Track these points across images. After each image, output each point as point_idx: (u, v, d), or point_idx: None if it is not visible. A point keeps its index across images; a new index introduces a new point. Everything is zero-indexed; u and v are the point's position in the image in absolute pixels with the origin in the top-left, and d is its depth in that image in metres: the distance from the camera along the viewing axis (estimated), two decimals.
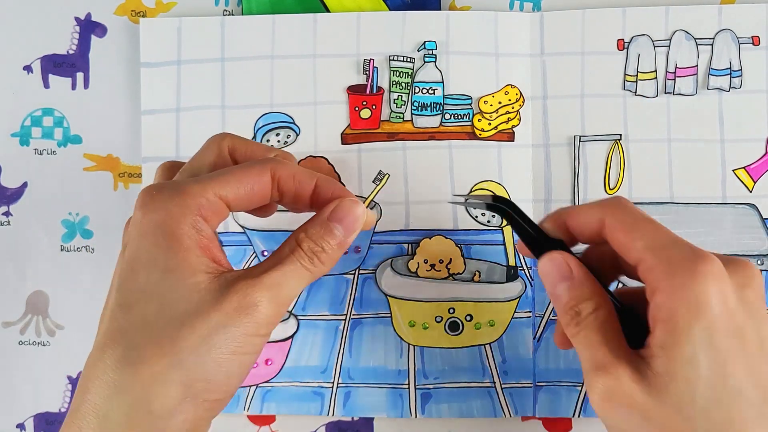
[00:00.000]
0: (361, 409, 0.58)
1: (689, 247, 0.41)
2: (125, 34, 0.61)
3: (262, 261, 0.44)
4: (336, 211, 0.46)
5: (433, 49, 0.58)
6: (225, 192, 0.43)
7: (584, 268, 0.45)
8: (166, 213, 0.41)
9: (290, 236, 0.45)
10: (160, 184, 0.43)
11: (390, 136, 0.59)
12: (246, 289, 0.41)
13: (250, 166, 0.45)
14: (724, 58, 0.58)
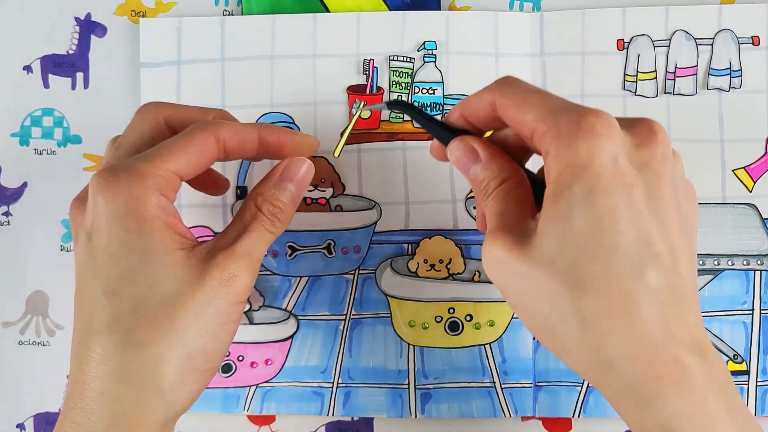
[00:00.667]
0: (361, 409, 0.58)
1: (577, 108, 0.40)
2: (125, 34, 0.61)
3: (228, 227, 0.46)
4: (287, 171, 0.48)
5: (433, 49, 0.58)
6: (176, 165, 0.44)
7: (491, 147, 0.45)
8: (129, 197, 0.42)
9: (247, 199, 0.47)
10: (113, 166, 0.43)
11: (390, 136, 0.59)
12: (224, 262, 0.43)
13: (193, 134, 0.46)
14: (723, 58, 0.58)
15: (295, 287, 0.58)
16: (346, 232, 0.58)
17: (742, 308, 0.57)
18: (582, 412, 0.57)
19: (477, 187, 0.45)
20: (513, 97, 0.43)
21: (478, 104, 0.45)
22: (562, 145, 0.39)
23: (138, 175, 0.43)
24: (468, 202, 0.58)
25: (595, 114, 0.39)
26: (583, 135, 0.39)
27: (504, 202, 0.43)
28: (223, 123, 0.47)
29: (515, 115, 0.42)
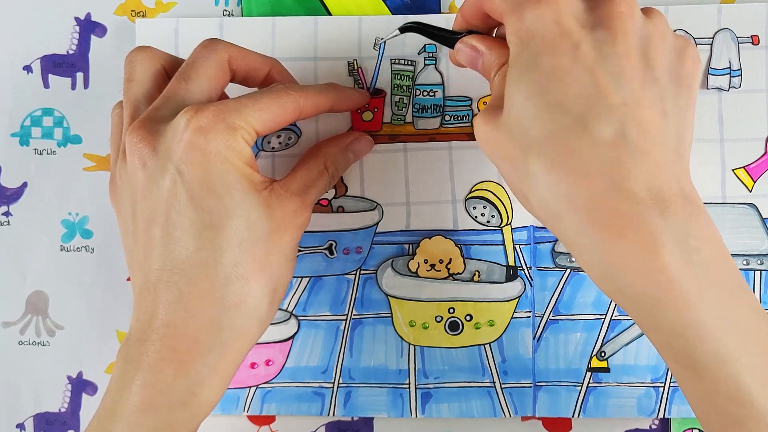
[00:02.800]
0: (361, 409, 0.58)
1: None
2: (125, 34, 0.60)
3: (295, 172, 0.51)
4: (356, 144, 0.56)
5: (434, 52, 0.58)
6: (260, 126, 0.47)
7: (489, 38, 0.48)
8: (227, 147, 0.45)
9: (317, 155, 0.53)
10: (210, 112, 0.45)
11: (391, 138, 0.59)
12: (299, 209, 0.48)
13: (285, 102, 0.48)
14: (723, 57, 0.58)
15: (296, 288, 0.58)
16: (348, 233, 0.58)
17: None
18: (582, 412, 0.57)
19: (487, 76, 0.48)
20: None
21: (470, 3, 0.48)
22: (513, 18, 0.42)
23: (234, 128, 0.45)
24: (468, 203, 0.58)
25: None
26: (530, 5, 0.41)
27: (501, 84, 0.45)
28: (306, 91, 0.50)
29: (489, 5, 0.45)
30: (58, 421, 0.60)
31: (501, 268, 0.58)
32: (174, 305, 0.45)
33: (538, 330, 0.58)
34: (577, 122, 0.39)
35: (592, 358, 0.58)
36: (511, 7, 0.43)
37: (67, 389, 0.60)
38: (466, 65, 0.50)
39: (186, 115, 0.45)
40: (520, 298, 0.58)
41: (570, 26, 0.41)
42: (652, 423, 0.58)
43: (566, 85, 0.40)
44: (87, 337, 0.60)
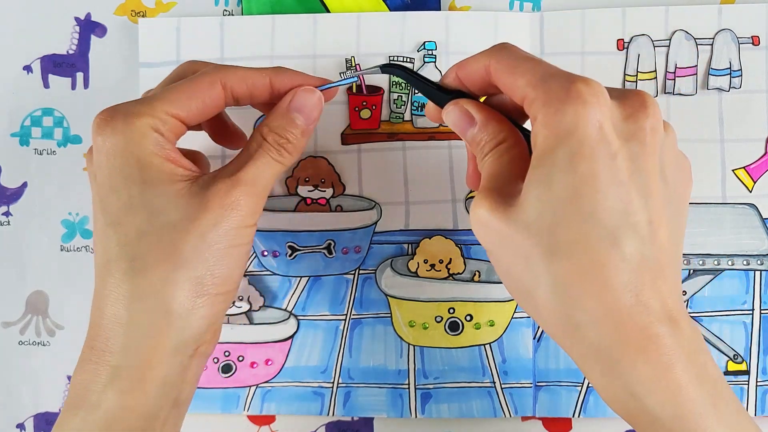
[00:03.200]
0: (361, 409, 0.58)
1: (567, 75, 0.41)
2: (125, 34, 0.61)
3: (234, 158, 0.47)
4: (294, 101, 0.48)
5: (433, 50, 0.58)
6: (176, 109, 0.45)
7: (486, 109, 0.46)
8: (124, 136, 0.44)
9: (254, 131, 0.48)
10: (111, 108, 0.45)
11: (390, 137, 0.59)
12: (226, 189, 0.44)
13: (197, 80, 0.47)
14: (723, 58, 0.58)
15: (295, 287, 0.58)
16: (347, 232, 0.58)
17: (742, 308, 0.57)
18: (582, 412, 0.57)
19: (474, 148, 0.46)
20: (506, 63, 0.43)
21: (473, 67, 0.46)
22: (549, 111, 0.40)
23: (133, 115, 0.44)
24: (468, 202, 0.58)
25: (585, 81, 0.40)
26: (571, 101, 0.39)
27: (498, 164, 0.44)
28: (230, 68, 0.48)
29: (508, 80, 0.43)
30: None
31: None
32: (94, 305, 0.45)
33: (538, 330, 0.58)
34: (608, 235, 0.39)
35: None
36: (548, 98, 0.40)
37: (67, 389, 0.59)
38: (451, 128, 0.47)
39: (95, 119, 0.45)
40: None
41: (610, 134, 0.39)
42: None
43: (601, 195, 0.39)
44: None
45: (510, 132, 0.45)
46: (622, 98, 0.42)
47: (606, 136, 0.39)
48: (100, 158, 0.44)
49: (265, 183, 0.46)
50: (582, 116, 0.39)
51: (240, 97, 0.48)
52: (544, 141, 0.40)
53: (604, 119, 0.39)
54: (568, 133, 0.39)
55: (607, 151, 0.39)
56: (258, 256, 0.59)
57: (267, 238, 0.58)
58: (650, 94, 0.42)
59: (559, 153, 0.39)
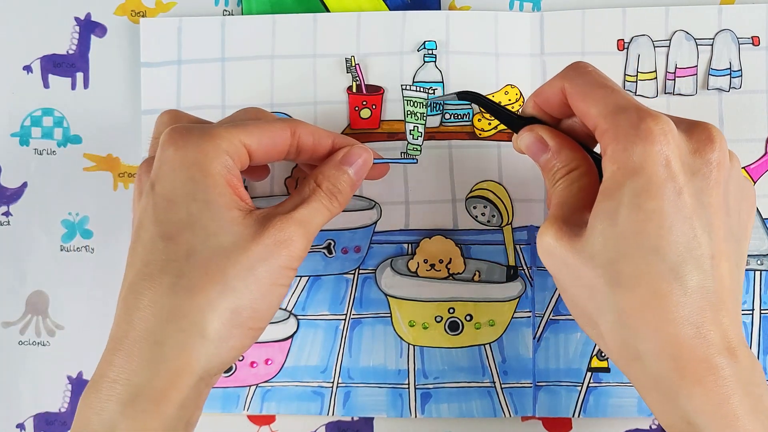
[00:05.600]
0: (360, 409, 0.58)
1: (638, 109, 0.42)
2: (125, 34, 0.61)
3: (286, 200, 0.48)
4: (347, 155, 0.50)
5: (433, 49, 0.58)
6: (249, 140, 0.46)
7: (560, 136, 0.47)
8: (199, 151, 0.44)
9: (308, 178, 0.49)
10: (188, 125, 0.46)
11: (390, 136, 0.59)
12: (281, 224, 0.45)
13: (272, 122, 0.48)
14: (724, 58, 0.58)
15: (295, 287, 0.58)
16: (346, 232, 0.58)
17: (742, 308, 0.57)
18: (582, 412, 0.57)
19: (547, 174, 0.47)
20: (580, 88, 0.45)
21: (549, 92, 0.47)
22: (618, 146, 0.41)
23: (211, 135, 0.45)
24: (468, 202, 0.58)
25: (654, 119, 0.41)
26: (640, 140, 0.40)
27: (568, 191, 0.45)
28: (302, 122, 0.49)
29: (580, 106, 0.44)
30: (58, 421, 0.60)
31: (501, 268, 0.58)
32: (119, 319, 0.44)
33: (538, 330, 0.58)
34: (671, 269, 0.40)
35: (593, 358, 0.58)
36: (617, 133, 0.41)
37: (67, 389, 0.60)
38: (525, 153, 0.49)
39: (166, 131, 0.45)
40: (521, 298, 0.58)
41: (676, 170, 0.40)
42: (652, 423, 0.58)
43: (665, 231, 0.40)
44: (87, 337, 0.60)
45: (582, 160, 0.46)
46: (689, 131, 0.42)
47: (673, 173, 0.40)
48: (164, 169, 0.44)
49: (316, 227, 0.47)
50: (650, 154, 0.40)
51: (303, 149, 0.50)
52: (612, 176, 0.41)
53: (672, 156, 0.40)
54: (636, 171, 0.40)
55: (674, 188, 0.40)
56: None
57: None
58: (716, 127, 0.43)
59: (626, 189, 0.41)
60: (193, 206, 0.43)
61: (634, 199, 0.40)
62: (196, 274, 0.43)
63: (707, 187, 0.41)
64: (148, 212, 0.45)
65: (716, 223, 0.41)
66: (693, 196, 0.41)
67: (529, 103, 0.49)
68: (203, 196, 0.44)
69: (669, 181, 0.40)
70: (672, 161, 0.40)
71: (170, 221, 0.44)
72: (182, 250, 0.43)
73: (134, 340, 0.42)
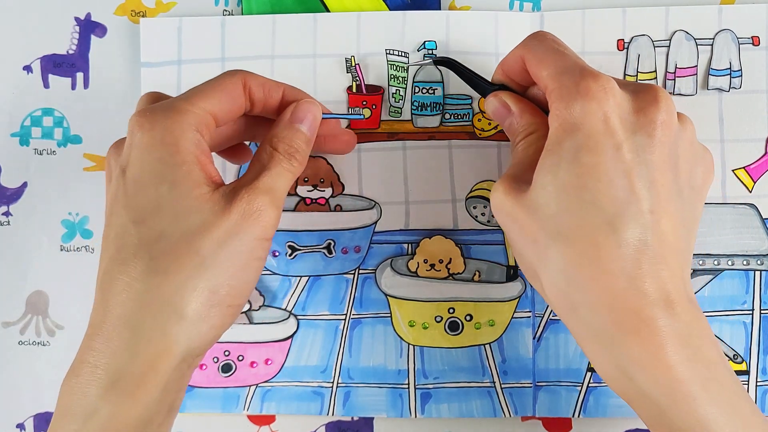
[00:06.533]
0: (360, 409, 0.58)
1: (580, 70, 0.43)
2: (125, 34, 0.61)
3: (247, 169, 0.47)
4: (296, 111, 0.49)
5: (433, 49, 0.58)
6: (209, 105, 0.46)
7: (522, 101, 0.49)
8: (164, 130, 0.44)
9: (262, 143, 0.48)
10: (152, 106, 0.46)
11: (390, 136, 0.59)
12: (248, 196, 0.44)
13: (223, 78, 0.48)
14: (724, 58, 0.58)
15: (295, 287, 0.58)
16: (346, 232, 0.58)
17: (742, 308, 0.57)
18: (582, 412, 0.57)
19: (511, 136, 0.50)
20: (535, 53, 0.47)
21: (512, 59, 0.49)
22: (561, 105, 0.43)
23: (175, 110, 0.45)
24: (468, 202, 0.58)
25: (594, 77, 0.42)
26: (580, 96, 0.42)
27: (524, 153, 0.47)
28: (252, 73, 0.49)
29: (534, 71, 0.46)
30: None
31: (501, 268, 0.58)
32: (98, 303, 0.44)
33: (538, 330, 0.58)
34: (608, 222, 0.41)
35: None
36: (559, 92, 0.43)
37: None
38: (492, 118, 0.51)
39: (132, 116, 0.45)
40: (521, 298, 0.58)
41: (615, 127, 0.42)
42: None
43: (603, 184, 0.41)
44: None
45: (541, 124, 0.47)
46: (635, 92, 0.44)
47: (611, 129, 0.42)
48: (133, 154, 0.44)
49: (282, 192, 0.47)
50: (588, 111, 0.42)
51: (256, 102, 0.49)
52: (554, 133, 0.43)
53: (611, 113, 0.42)
54: (576, 127, 0.42)
55: (612, 143, 0.42)
56: None
57: None
58: (664, 90, 0.44)
59: (566, 145, 0.42)
60: (162, 188, 0.43)
61: (574, 154, 0.42)
62: (169, 255, 0.42)
63: (650, 144, 0.42)
64: (119, 197, 0.44)
65: (659, 180, 0.42)
66: (633, 152, 0.42)
67: (498, 71, 0.51)
68: (171, 176, 0.43)
69: (607, 137, 0.42)
70: (611, 117, 0.42)
71: (140, 205, 0.43)
72: (154, 233, 0.43)
73: (112, 325, 0.42)
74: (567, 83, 0.43)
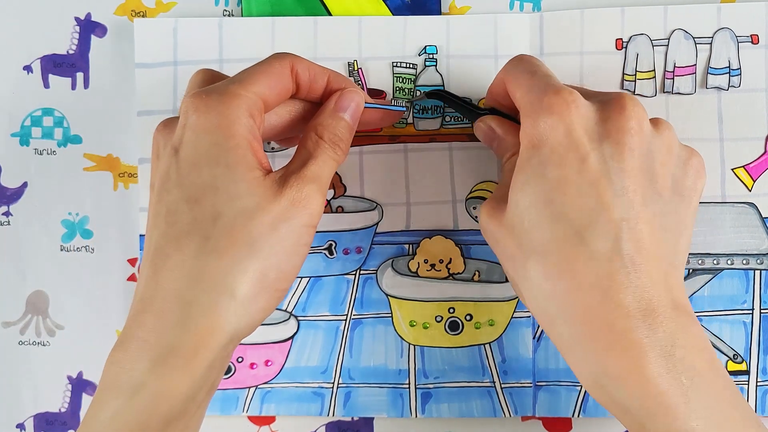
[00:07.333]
0: (361, 409, 0.58)
1: (544, 87, 0.44)
2: (125, 34, 0.61)
3: (293, 157, 0.48)
4: (340, 101, 0.50)
5: (434, 53, 0.59)
6: (261, 89, 0.46)
7: (507, 124, 0.51)
8: (220, 114, 0.44)
9: (307, 130, 0.49)
10: (208, 88, 0.46)
11: (391, 139, 0.59)
12: (297, 184, 0.45)
13: (271, 61, 0.48)
14: (723, 56, 0.58)
15: (296, 288, 0.58)
16: (348, 233, 0.58)
17: (741, 308, 0.57)
18: (582, 412, 0.57)
19: (499, 158, 0.51)
20: (511, 76, 0.48)
21: (496, 83, 0.51)
22: (527, 123, 0.44)
23: (229, 95, 0.45)
24: (468, 203, 0.58)
25: (555, 91, 0.43)
26: (543, 113, 0.43)
27: (508, 174, 0.47)
28: (299, 57, 0.49)
29: (512, 93, 0.47)
30: (58, 421, 0.60)
31: (501, 268, 0.58)
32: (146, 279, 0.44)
33: (538, 330, 0.58)
34: (576, 234, 0.41)
35: None
36: (527, 109, 0.44)
37: (67, 389, 0.60)
38: (482, 141, 0.53)
39: (186, 98, 0.46)
40: None
41: (579, 139, 0.42)
42: None
43: (570, 197, 0.42)
44: (87, 337, 0.60)
45: None
46: (601, 102, 0.44)
47: (575, 141, 0.42)
48: (187, 134, 0.45)
49: (327, 180, 0.47)
50: (551, 125, 0.43)
51: (302, 86, 0.49)
52: (523, 150, 0.44)
53: (575, 125, 0.43)
54: (540, 143, 0.43)
55: (576, 155, 0.42)
56: None
57: None
58: (632, 95, 0.45)
59: (533, 161, 0.43)
60: (216, 170, 0.44)
61: (540, 170, 0.43)
62: (222, 236, 0.43)
63: (618, 152, 0.42)
64: (172, 176, 0.45)
65: (631, 187, 0.42)
66: (600, 162, 0.42)
67: (488, 96, 0.53)
68: (226, 159, 0.44)
69: (571, 149, 0.42)
70: (574, 129, 0.42)
71: (195, 185, 0.44)
72: (208, 213, 0.43)
73: (163, 300, 0.43)
74: (533, 100, 0.44)
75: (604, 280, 0.41)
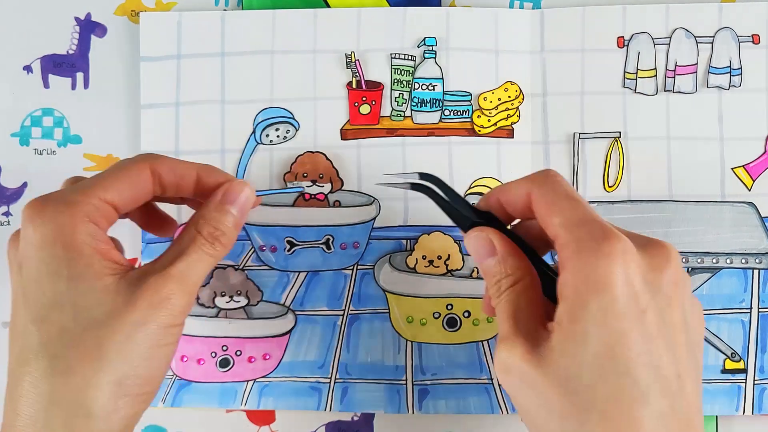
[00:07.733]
0: (358, 405, 0.58)
1: (600, 226, 0.41)
2: (125, 34, 0.61)
3: (165, 251, 0.45)
4: (228, 193, 0.48)
5: (433, 45, 0.58)
6: (109, 195, 0.44)
7: (508, 243, 0.45)
8: (56, 225, 0.42)
9: (188, 224, 0.47)
10: (44, 196, 0.44)
11: (389, 132, 0.59)
12: (156, 284, 0.43)
13: (128, 165, 0.46)
14: (724, 56, 0.58)
15: (294, 282, 0.59)
16: (345, 228, 0.58)
17: (740, 307, 0.57)
18: None
19: (489, 279, 0.45)
20: (546, 197, 0.43)
21: (516, 193, 0.45)
22: (580, 263, 0.40)
23: (66, 203, 0.43)
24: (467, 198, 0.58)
25: (617, 238, 0.40)
26: (603, 256, 0.39)
27: (516, 305, 0.43)
28: (162, 157, 0.47)
29: (544, 214, 0.43)
30: None
31: None
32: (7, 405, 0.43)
33: None
34: (642, 393, 0.39)
35: None
36: (579, 248, 0.40)
37: None
38: (470, 253, 0.47)
39: (25, 207, 0.44)
40: None
41: (639, 288, 0.40)
42: None
43: (635, 353, 0.39)
44: None
45: (527, 270, 0.44)
46: (645, 248, 0.42)
47: (635, 292, 0.40)
48: (27, 249, 0.43)
49: (197, 279, 0.45)
50: (613, 272, 0.39)
51: (167, 186, 0.48)
52: (575, 293, 0.40)
53: (634, 276, 0.40)
54: (600, 289, 0.39)
55: (637, 307, 0.40)
56: (256, 250, 0.59)
57: (265, 233, 0.59)
58: (671, 245, 0.43)
59: (592, 309, 0.39)
60: (60, 284, 0.42)
61: (602, 319, 0.39)
62: (70, 353, 0.41)
63: (668, 306, 0.41)
64: (18, 296, 0.43)
65: (679, 341, 0.41)
66: (656, 315, 0.40)
67: (492, 198, 0.47)
68: (68, 272, 0.42)
69: (633, 300, 0.40)
70: (634, 280, 0.40)
71: (39, 303, 0.42)
72: (54, 331, 0.41)
73: (23, 427, 0.41)
74: (585, 238, 0.40)
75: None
